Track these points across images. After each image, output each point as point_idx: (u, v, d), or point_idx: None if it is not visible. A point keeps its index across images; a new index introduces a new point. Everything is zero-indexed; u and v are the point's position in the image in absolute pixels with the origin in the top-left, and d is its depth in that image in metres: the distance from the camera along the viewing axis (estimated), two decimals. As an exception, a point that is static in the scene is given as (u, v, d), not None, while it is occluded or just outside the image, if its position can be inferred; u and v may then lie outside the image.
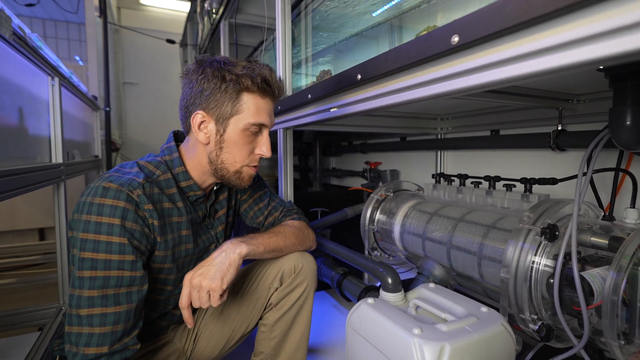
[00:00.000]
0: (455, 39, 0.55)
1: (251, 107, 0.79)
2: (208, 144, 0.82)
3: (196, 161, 0.84)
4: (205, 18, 2.79)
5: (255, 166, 0.87)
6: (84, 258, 0.66)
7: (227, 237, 0.98)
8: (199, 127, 0.80)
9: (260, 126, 0.83)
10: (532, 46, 0.46)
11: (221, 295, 0.76)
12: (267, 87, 0.80)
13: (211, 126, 0.80)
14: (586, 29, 0.40)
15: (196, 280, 0.75)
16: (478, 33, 0.51)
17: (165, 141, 0.87)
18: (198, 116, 0.79)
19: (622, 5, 0.37)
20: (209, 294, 0.75)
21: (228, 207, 0.97)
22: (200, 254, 0.89)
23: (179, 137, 0.90)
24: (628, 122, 0.72)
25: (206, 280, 0.74)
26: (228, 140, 0.81)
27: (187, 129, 0.84)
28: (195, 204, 0.87)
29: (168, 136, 0.88)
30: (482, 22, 0.50)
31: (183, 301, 0.75)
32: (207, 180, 0.87)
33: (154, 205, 0.74)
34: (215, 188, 0.91)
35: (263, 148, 0.84)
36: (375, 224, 1.45)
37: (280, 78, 0.85)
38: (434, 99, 0.66)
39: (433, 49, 0.59)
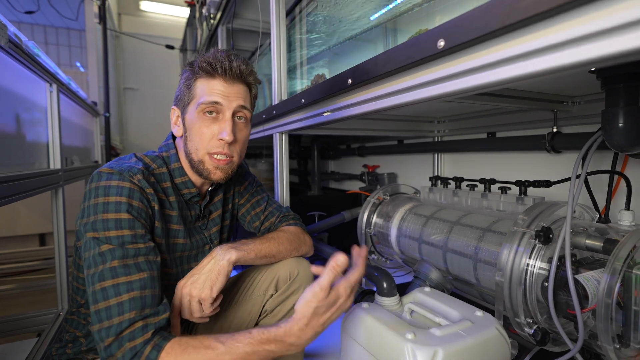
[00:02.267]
0: (441, 43, 0.55)
1: (203, 89, 0.80)
2: (182, 136, 0.84)
3: (183, 157, 0.85)
4: (204, 23, 2.81)
5: (218, 156, 0.81)
6: (98, 237, 0.67)
7: (222, 240, 0.98)
8: (175, 122, 0.85)
9: (215, 105, 0.80)
10: (516, 49, 0.46)
11: (212, 303, 0.75)
12: (211, 68, 0.79)
13: (180, 118, 0.84)
14: (569, 32, 0.40)
15: (187, 289, 0.76)
16: (463, 37, 0.51)
17: (164, 139, 0.89)
18: (173, 111, 0.85)
19: (603, 7, 0.37)
20: (200, 303, 0.75)
21: (224, 210, 0.96)
22: (195, 254, 0.88)
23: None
24: (620, 124, 0.71)
25: (196, 290, 0.75)
26: (188, 126, 0.82)
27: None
28: (190, 203, 0.87)
29: (167, 135, 0.90)
30: (466, 26, 0.50)
31: (173, 308, 0.75)
32: (199, 179, 0.87)
33: (154, 191, 0.76)
34: (210, 189, 0.90)
35: (223, 132, 0.80)
36: (372, 227, 1.44)
37: (236, 58, 0.82)
38: (427, 102, 0.66)
39: (420, 53, 0.59)
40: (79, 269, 0.79)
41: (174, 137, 0.89)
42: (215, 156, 0.81)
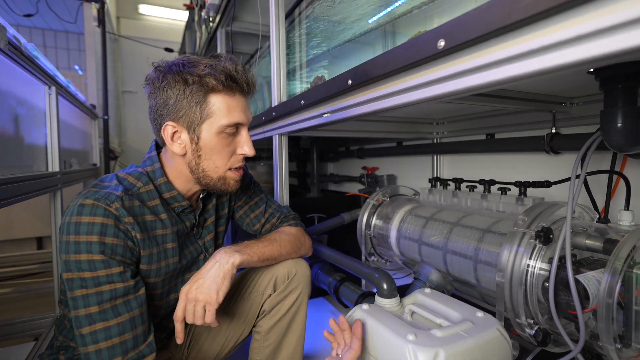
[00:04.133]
0: (442, 43, 0.55)
1: (222, 108, 0.75)
2: (185, 154, 0.78)
3: (177, 171, 0.81)
4: (203, 26, 2.81)
5: (239, 168, 0.83)
6: (72, 278, 0.65)
7: (217, 247, 0.96)
8: (171, 138, 0.76)
9: (237, 125, 0.78)
10: (517, 49, 0.46)
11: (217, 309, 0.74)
12: (234, 83, 0.75)
13: (184, 136, 0.76)
14: (569, 31, 0.41)
15: (192, 294, 0.74)
16: (463, 37, 0.51)
17: (148, 150, 0.84)
18: (168, 128, 0.75)
19: (603, 6, 0.37)
20: (205, 309, 0.74)
21: (218, 217, 0.94)
22: (189, 265, 0.86)
23: (160, 146, 0.86)
24: (619, 124, 0.72)
25: (202, 294, 0.73)
26: (205, 147, 0.77)
27: (162, 142, 0.80)
28: (182, 215, 0.84)
29: (150, 145, 0.85)
30: (467, 26, 0.51)
31: (178, 314, 0.74)
32: (192, 189, 0.84)
33: (135, 219, 0.71)
34: (202, 196, 0.88)
35: (245, 148, 0.80)
36: (372, 229, 1.44)
37: (247, 69, 0.79)
38: (427, 104, 0.66)
39: (420, 54, 0.59)
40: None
41: (157, 147, 0.84)
42: (235, 169, 0.82)
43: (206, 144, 0.76)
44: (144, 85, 0.79)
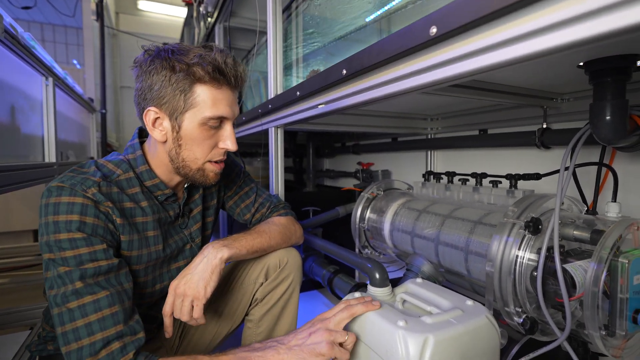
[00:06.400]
0: (434, 30, 0.56)
1: (207, 100, 0.73)
2: (165, 141, 0.76)
3: (159, 159, 0.80)
4: (201, 22, 2.82)
5: (219, 161, 0.81)
6: (54, 259, 0.64)
7: (205, 237, 0.95)
8: (153, 124, 0.75)
9: (221, 119, 0.77)
10: (509, 33, 0.47)
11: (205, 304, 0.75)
12: (221, 76, 0.73)
13: (166, 123, 0.75)
14: (560, 13, 0.41)
15: (181, 289, 0.74)
16: (455, 23, 0.52)
17: (130, 138, 0.83)
18: (150, 113, 0.74)
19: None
20: (192, 304, 0.74)
21: (205, 207, 0.94)
22: (174, 254, 0.86)
23: (144, 134, 0.85)
24: (608, 117, 0.73)
25: (190, 289, 0.73)
26: (185, 136, 0.75)
27: (145, 127, 0.79)
28: (166, 203, 0.83)
29: (133, 133, 0.84)
30: (458, 12, 0.52)
31: (166, 309, 0.75)
32: (174, 179, 0.82)
33: (114, 204, 0.71)
34: (186, 185, 0.87)
35: (227, 142, 0.79)
36: (365, 222, 1.45)
37: (238, 62, 0.77)
38: (420, 97, 0.67)
39: (413, 41, 0.60)
40: None
41: (140, 135, 0.83)
42: (215, 162, 0.81)
43: (187, 133, 0.75)
44: (131, 67, 0.78)
